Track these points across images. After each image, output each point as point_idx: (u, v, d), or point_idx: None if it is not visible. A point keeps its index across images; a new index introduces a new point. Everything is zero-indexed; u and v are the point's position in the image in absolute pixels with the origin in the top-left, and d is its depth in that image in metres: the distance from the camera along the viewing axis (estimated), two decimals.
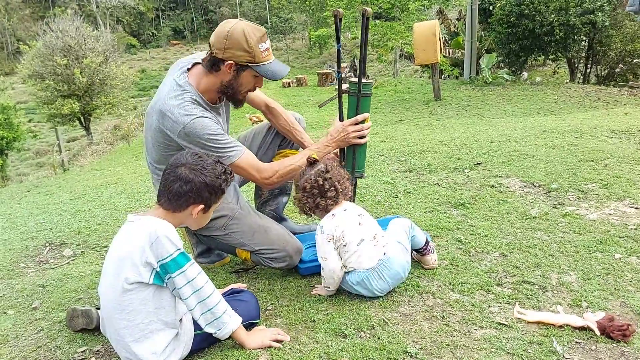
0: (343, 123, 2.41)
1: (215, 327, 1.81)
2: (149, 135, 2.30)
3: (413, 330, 1.94)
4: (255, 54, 2.16)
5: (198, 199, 1.83)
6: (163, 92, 2.23)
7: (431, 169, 4.14)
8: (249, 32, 2.14)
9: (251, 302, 2.03)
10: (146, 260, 1.70)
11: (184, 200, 1.81)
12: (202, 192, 1.82)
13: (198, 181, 1.80)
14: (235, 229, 2.39)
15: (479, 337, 1.88)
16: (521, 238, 2.66)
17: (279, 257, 2.39)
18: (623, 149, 4.22)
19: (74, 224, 3.97)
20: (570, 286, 2.18)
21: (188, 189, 1.79)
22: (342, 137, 2.38)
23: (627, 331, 1.81)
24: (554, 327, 1.89)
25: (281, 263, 2.40)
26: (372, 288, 2.14)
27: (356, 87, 2.37)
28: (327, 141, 2.39)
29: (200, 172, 1.81)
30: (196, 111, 2.17)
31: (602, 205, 3.00)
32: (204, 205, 1.85)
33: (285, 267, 2.43)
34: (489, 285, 2.21)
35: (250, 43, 2.14)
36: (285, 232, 2.48)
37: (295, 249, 2.42)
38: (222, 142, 2.19)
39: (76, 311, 2.17)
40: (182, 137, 2.16)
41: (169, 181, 1.81)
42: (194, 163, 1.82)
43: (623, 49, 15.01)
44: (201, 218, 1.91)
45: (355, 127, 2.38)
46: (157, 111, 2.19)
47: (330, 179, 2.20)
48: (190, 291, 1.75)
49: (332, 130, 2.40)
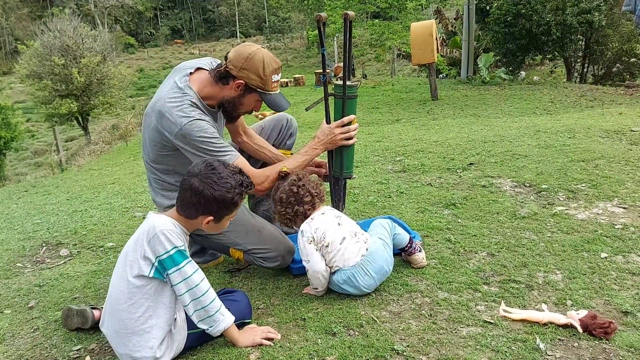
0: (330, 125, 2.47)
1: (208, 324, 1.86)
2: (146, 134, 2.35)
3: (401, 328, 1.99)
4: (267, 82, 2.29)
5: (206, 211, 1.87)
6: (163, 93, 2.28)
7: (425, 169, 4.19)
8: (268, 61, 2.27)
9: (243, 302, 2.08)
10: (144, 254, 1.77)
11: (194, 210, 1.86)
12: (211, 205, 1.85)
13: (206, 194, 1.83)
14: (229, 229, 2.41)
15: (465, 334, 1.92)
16: (510, 238, 2.70)
17: (271, 257, 2.43)
18: (614, 149, 4.27)
19: (70, 224, 4.01)
20: (556, 285, 2.23)
21: (196, 200, 1.84)
22: (329, 140, 2.44)
23: (608, 329, 1.85)
24: (538, 325, 1.94)
25: (273, 263, 2.45)
26: (359, 285, 2.19)
27: (341, 90, 2.43)
28: (314, 144, 2.45)
29: (210, 186, 1.83)
30: (194, 114, 2.21)
31: (591, 205, 3.05)
32: (213, 217, 1.89)
33: (277, 266, 2.47)
34: (476, 284, 2.26)
35: (266, 71, 2.27)
36: (278, 233, 2.53)
37: (287, 249, 2.46)
38: (217, 145, 2.24)
39: (71, 310, 2.22)
40: (178, 138, 2.20)
41: (182, 189, 1.87)
42: (206, 176, 1.84)
43: (620, 48, 15.09)
44: (213, 227, 1.95)
45: (342, 129, 2.44)
46: (156, 111, 2.24)
47: (304, 186, 2.27)
48: (185, 288, 1.80)
49: (319, 133, 2.47)
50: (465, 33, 15.63)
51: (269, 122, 2.88)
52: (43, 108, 19.52)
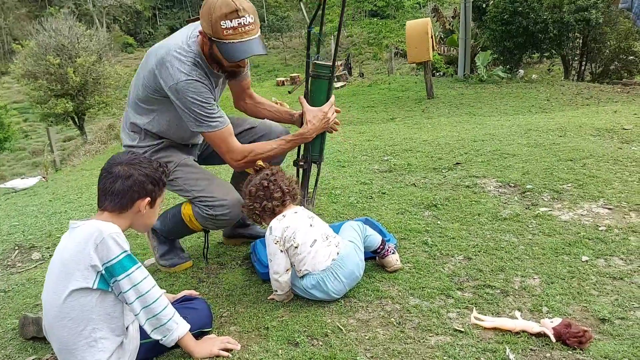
0: (321, 109, 2.43)
1: (161, 334, 1.76)
2: (142, 73, 2.31)
3: (367, 337, 1.89)
4: (215, 29, 2.08)
5: (143, 193, 1.80)
6: (171, 42, 2.23)
7: (411, 169, 4.09)
8: (216, 5, 2.05)
9: (202, 310, 1.98)
10: (91, 263, 1.65)
11: (129, 196, 1.78)
12: (146, 185, 1.80)
13: (139, 174, 1.79)
14: (179, 175, 2.40)
15: (433, 344, 1.83)
16: (489, 240, 2.61)
17: (218, 206, 2.35)
18: (604, 148, 4.17)
19: (47, 226, 3.92)
20: (533, 290, 2.13)
21: (131, 183, 1.77)
22: (323, 124, 2.43)
23: (583, 338, 1.76)
24: (511, 334, 1.85)
25: (219, 211, 2.35)
26: (328, 290, 2.09)
27: (324, 70, 2.41)
28: (308, 131, 2.42)
29: (139, 166, 1.80)
30: (194, 74, 2.17)
31: (575, 206, 2.95)
32: (150, 198, 1.82)
33: (223, 217, 2.37)
34: (449, 290, 2.16)
35: (213, 17, 2.06)
36: (230, 186, 2.48)
37: (235, 200, 2.37)
38: (207, 110, 2.21)
39: (27, 319, 2.13)
40: (172, 91, 2.18)
41: (108, 183, 1.77)
42: (130, 160, 1.82)
43: (617, 46, 14.94)
44: (149, 214, 1.87)
45: (332, 110, 2.44)
46: (159, 57, 2.19)
47: (276, 181, 2.19)
48: (135, 296, 1.70)
49: (311, 118, 2.42)
50: (462, 31, 15.48)
51: (261, 126, 2.74)
52: (39, 108, 19.43)
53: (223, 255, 2.76)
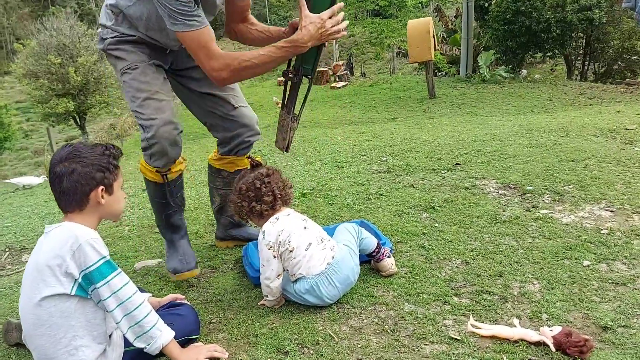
0: (319, 16, 2.05)
1: (144, 342, 1.69)
2: None
3: (359, 345, 1.82)
4: None
5: (93, 183, 1.70)
6: None
7: (410, 170, 4.02)
8: None
9: (189, 317, 1.91)
10: (67, 270, 1.58)
11: (80, 191, 1.69)
12: (93, 174, 1.69)
13: (81, 166, 1.68)
14: (127, 79, 2.20)
15: (428, 353, 1.76)
16: (488, 244, 2.54)
17: (146, 125, 2.16)
18: (607, 148, 4.09)
19: (39, 227, 3.86)
20: (532, 296, 2.06)
21: (76, 178, 1.67)
22: (320, 34, 2.06)
23: (584, 347, 1.68)
24: (509, 343, 1.77)
25: (148, 132, 2.16)
26: (322, 295, 2.03)
27: None
28: (301, 38, 2.05)
29: (79, 160, 1.68)
30: None
31: (577, 208, 2.88)
32: (103, 186, 1.72)
33: (152, 138, 2.16)
34: (446, 296, 2.09)
35: None
36: (167, 103, 2.21)
37: (164, 121, 2.15)
38: (184, 9, 1.98)
39: (11, 324, 2.06)
40: None
41: (55, 184, 1.69)
42: (69, 154, 1.70)
43: (621, 45, 14.85)
44: (112, 201, 1.77)
45: (332, 19, 2.07)
46: None
47: (269, 184, 2.11)
48: (116, 303, 1.63)
49: (307, 24, 2.04)
50: (464, 31, 15.39)
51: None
52: (40, 107, 19.41)
53: (214, 258, 2.69)
